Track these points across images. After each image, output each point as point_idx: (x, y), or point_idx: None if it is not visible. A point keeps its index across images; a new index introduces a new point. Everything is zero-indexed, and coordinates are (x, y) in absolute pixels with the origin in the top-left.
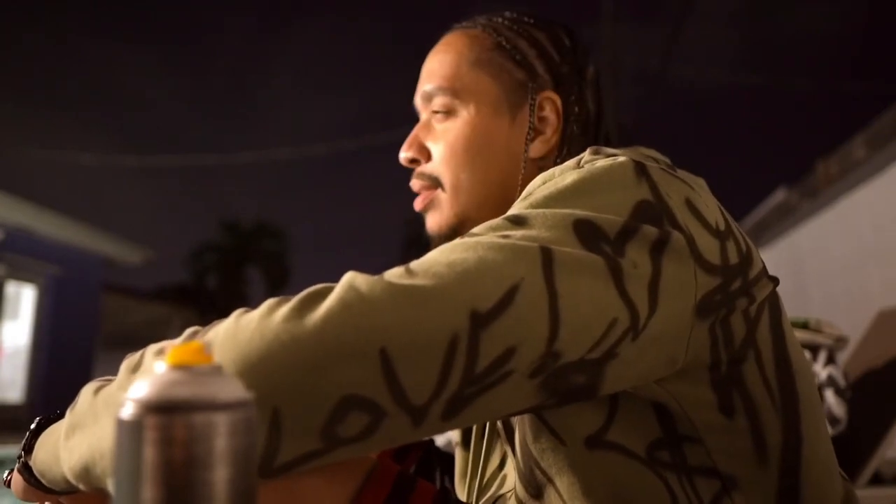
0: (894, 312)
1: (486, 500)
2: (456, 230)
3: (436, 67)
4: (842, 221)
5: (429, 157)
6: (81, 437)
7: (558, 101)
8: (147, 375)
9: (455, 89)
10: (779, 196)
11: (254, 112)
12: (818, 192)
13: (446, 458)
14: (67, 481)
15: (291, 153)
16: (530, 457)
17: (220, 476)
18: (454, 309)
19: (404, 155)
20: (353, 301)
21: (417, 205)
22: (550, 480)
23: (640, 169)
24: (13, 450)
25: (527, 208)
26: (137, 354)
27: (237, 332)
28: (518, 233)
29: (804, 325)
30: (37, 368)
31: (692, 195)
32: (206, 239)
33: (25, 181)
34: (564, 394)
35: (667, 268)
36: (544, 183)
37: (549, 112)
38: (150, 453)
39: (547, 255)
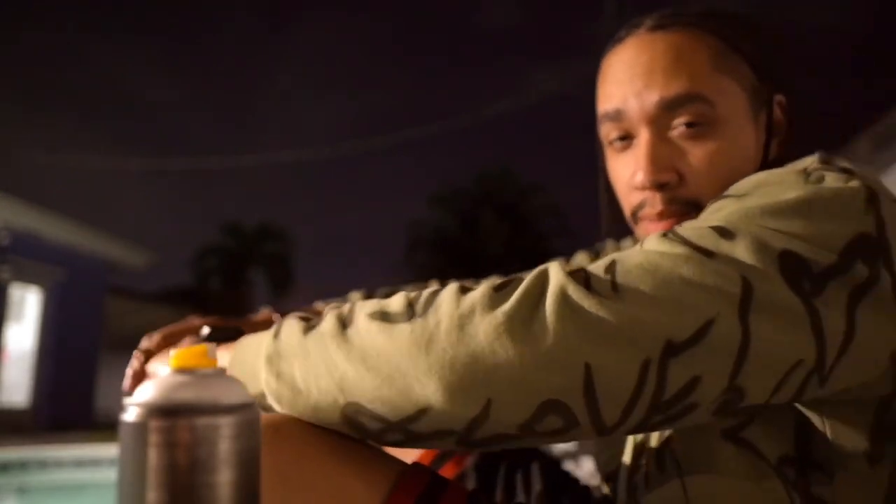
0: None
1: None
2: None
3: (671, 70)
4: None
5: (680, 179)
6: (287, 366)
7: (784, 102)
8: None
9: (710, 98)
10: None
11: (256, 114)
12: None
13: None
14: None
15: (294, 155)
16: (664, 438)
17: (224, 479)
18: (652, 337)
19: (654, 179)
20: (567, 316)
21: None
22: (677, 463)
23: (872, 198)
24: (19, 453)
25: (738, 214)
26: (346, 307)
27: (463, 327)
28: (723, 251)
29: None
30: (41, 371)
31: None
32: (209, 242)
33: (30, 184)
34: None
35: (865, 316)
36: (760, 186)
37: (779, 114)
38: (154, 456)
39: (747, 293)
